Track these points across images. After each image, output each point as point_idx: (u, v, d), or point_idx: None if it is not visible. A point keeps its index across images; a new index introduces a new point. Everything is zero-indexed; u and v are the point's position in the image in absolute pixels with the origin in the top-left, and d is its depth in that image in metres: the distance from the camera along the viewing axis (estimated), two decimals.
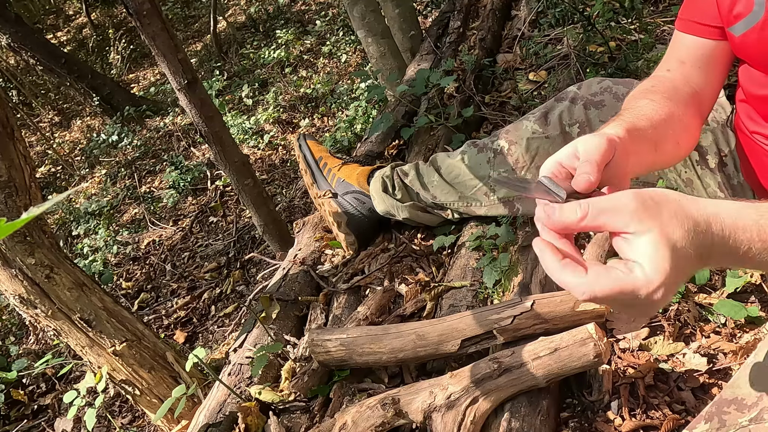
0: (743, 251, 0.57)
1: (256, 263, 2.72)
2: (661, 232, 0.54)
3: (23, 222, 0.31)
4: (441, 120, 1.92)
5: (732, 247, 0.57)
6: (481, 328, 1.07)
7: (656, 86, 0.92)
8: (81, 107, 6.14)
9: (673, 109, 0.87)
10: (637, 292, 0.54)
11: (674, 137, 0.85)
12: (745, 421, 0.64)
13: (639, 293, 0.54)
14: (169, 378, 1.54)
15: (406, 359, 1.12)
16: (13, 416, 2.38)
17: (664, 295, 0.54)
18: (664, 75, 0.96)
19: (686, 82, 0.94)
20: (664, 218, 0.55)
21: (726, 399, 0.69)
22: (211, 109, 1.94)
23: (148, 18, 1.72)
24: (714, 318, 1.11)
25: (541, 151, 1.34)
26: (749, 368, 0.70)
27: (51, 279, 1.37)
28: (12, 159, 1.32)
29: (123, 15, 7.57)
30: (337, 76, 4.35)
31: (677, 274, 0.54)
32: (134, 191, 4.07)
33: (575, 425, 0.99)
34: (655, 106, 0.86)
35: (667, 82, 0.93)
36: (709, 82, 0.95)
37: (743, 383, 0.69)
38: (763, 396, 0.66)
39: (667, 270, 0.53)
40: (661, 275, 0.53)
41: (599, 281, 0.55)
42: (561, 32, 2.32)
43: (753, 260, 0.58)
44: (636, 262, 0.55)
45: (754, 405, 0.66)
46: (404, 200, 1.49)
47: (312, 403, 1.19)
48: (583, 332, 0.94)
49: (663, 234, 0.54)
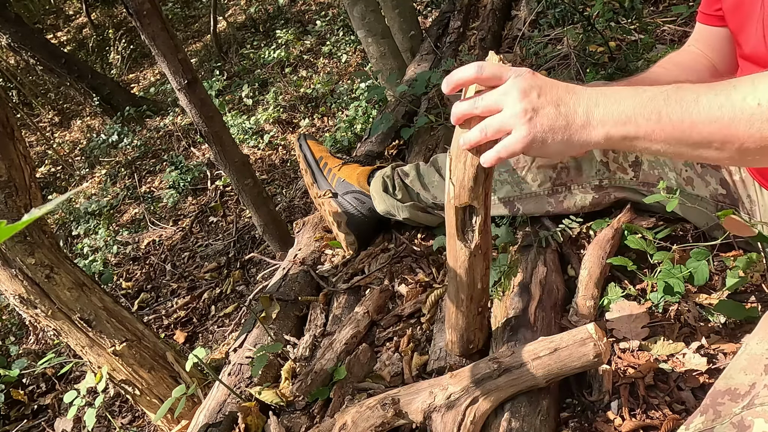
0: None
1: (256, 263, 2.72)
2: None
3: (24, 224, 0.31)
4: (441, 120, 1.92)
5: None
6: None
7: (674, 57, 1.14)
8: (81, 107, 6.14)
9: (682, 76, 1.06)
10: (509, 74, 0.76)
11: None
12: (738, 409, 0.65)
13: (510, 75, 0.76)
14: (169, 378, 1.54)
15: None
16: (13, 416, 2.38)
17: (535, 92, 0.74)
18: (686, 49, 1.17)
19: (704, 56, 1.14)
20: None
21: (720, 390, 0.69)
22: (211, 109, 1.94)
23: (148, 18, 1.72)
24: (714, 318, 1.11)
25: None
26: (741, 358, 0.71)
27: (51, 279, 1.37)
28: (12, 159, 1.32)
29: (123, 15, 7.57)
30: (337, 76, 4.35)
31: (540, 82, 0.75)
32: (134, 191, 4.07)
33: (575, 425, 0.99)
34: (663, 71, 1.07)
35: (685, 54, 1.14)
36: (722, 59, 1.12)
37: (735, 373, 0.69)
38: (755, 384, 0.66)
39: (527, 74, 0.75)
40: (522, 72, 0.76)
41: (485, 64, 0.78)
42: (561, 32, 2.32)
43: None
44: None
45: (747, 393, 0.66)
46: (405, 200, 1.49)
47: (312, 403, 1.19)
48: (583, 332, 0.94)
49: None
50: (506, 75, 0.77)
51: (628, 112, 0.71)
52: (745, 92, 0.66)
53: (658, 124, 0.70)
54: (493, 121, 0.77)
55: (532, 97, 0.74)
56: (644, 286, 1.21)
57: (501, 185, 1.38)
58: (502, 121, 0.76)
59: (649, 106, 0.70)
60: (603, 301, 1.19)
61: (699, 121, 0.68)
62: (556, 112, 0.74)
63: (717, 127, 0.67)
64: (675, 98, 0.69)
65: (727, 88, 0.68)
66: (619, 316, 1.16)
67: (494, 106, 0.77)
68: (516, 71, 0.77)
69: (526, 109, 0.74)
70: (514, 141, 0.76)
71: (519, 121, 0.75)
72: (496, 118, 0.77)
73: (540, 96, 0.74)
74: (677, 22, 2.15)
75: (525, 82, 0.75)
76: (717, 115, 0.67)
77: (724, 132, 0.67)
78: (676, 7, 2.19)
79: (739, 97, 0.66)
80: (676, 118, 0.69)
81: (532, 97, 0.74)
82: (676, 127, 0.69)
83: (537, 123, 0.74)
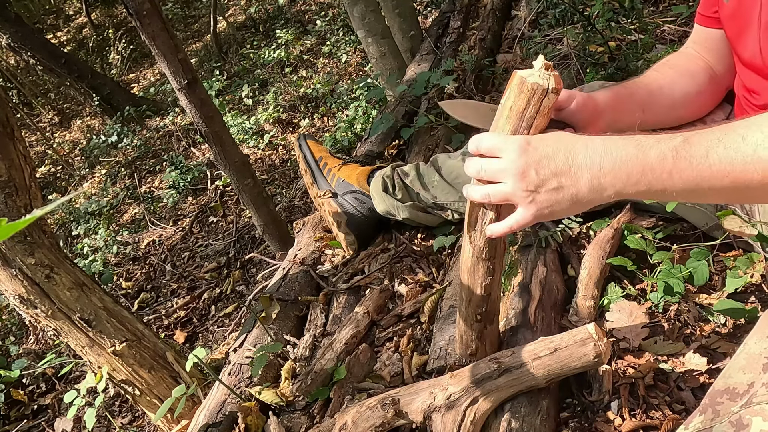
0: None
1: (256, 263, 2.72)
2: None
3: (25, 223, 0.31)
4: (441, 120, 1.92)
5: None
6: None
7: (670, 60, 1.14)
8: (81, 107, 6.14)
9: (678, 80, 1.08)
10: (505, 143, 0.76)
11: (669, 103, 1.07)
12: (737, 408, 0.65)
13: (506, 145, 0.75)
14: (169, 378, 1.54)
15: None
16: (13, 416, 2.38)
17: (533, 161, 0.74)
18: (683, 51, 1.17)
19: (701, 58, 1.13)
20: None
21: (718, 390, 0.69)
22: (211, 109, 1.94)
23: (148, 18, 1.72)
24: (714, 318, 1.11)
25: None
26: (739, 357, 0.71)
27: (51, 279, 1.37)
28: (12, 159, 1.31)
29: (123, 15, 7.57)
30: (337, 76, 4.35)
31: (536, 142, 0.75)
32: (134, 191, 4.07)
33: (575, 425, 0.99)
34: (659, 75, 1.08)
35: (682, 57, 1.14)
36: (720, 61, 1.11)
37: (734, 373, 0.69)
38: (754, 383, 0.66)
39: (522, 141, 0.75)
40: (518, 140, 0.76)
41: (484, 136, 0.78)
42: (561, 32, 2.32)
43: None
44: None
45: (746, 392, 0.66)
46: (404, 200, 1.49)
47: (312, 403, 1.19)
48: (583, 332, 0.94)
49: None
50: (502, 148, 0.76)
51: (637, 175, 0.72)
52: (755, 143, 0.66)
53: (670, 182, 0.71)
54: (497, 193, 0.78)
55: (530, 178, 0.74)
56: (644, 286, 1.21)
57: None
58: (505, 195, 0.77)
59: (658, 167, 0.71)
60: (603, 301, 1.19)
61: (711, 176, 0.69)
62: (557, 186, 0.74)
63: (729, 180, 0.69)
64: (684, 155, 0.70)
65: (736, 140, 0.68)
66: (619, 316, 1.16)
67: (495, 179, 0.78)
68: (513, 144, 0.76)
69: (528, 190, 0.75)
70: (521, 219, 0.78)
71: (522, 201, 0.76)
72: (500, 191, 0.78)
73: (538, 173, 0.74)
74: (677, 22, 2.15)
75: (521, 160, 0.74)
76: (728, 169, 0.68)
77: (737, 184, 0.68)
78: (676, 7, 2.19)
79: (749, 150, 0.67)
80: (687, 176, 0.70)
81: (530, 177, 0.74)
82: (688, 183, 0.70)
83: (539, 200, 0.75)
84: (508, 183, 0.76)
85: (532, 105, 0.77)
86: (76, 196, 4.25)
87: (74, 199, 4.20)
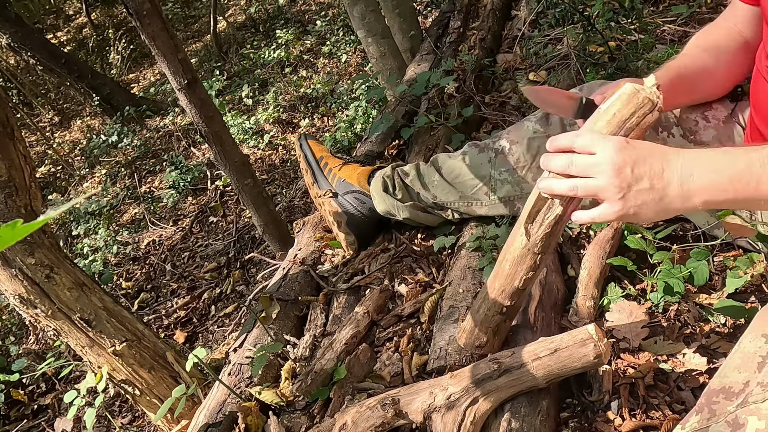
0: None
1: (256, 263, 2.72)
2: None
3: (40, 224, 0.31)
4: (441, 120, 1.92)
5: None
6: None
7: (701, 40, 1.16)
8: (81, 107, 6.14)
9: (711, 61, 1.12)
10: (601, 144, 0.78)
11: (713, 82, 1.14)
12: (733, 408, 0.65)
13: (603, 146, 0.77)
14: (169, 378, 1.54)
15: None
16: (13, 416, 2.38)
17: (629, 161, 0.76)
18: (718, 25, 1.18)
19: (738, 32, 1.15)
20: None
21: (714, 389, 0.69)
22: (211, 109, 1.94)
23: (148, 18, 1.72)
24: (714, 318, 1.11)
25: (542, 150, 1.34)
26: (734, 356, 0.71)
27: (51, 279, 1.37)
28: (12, 159, 1.31)
29: (123, 15, 7.57)
30: (337, 76, 4.34)
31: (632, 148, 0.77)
32: (134, 191, 4.07)
33: (575, 425, 0.99)
34: (691, 60, 1.12)
35: (715, 33, 1.16)
36: (754, 35, 1.13)
37: (730, 372, 0.70)
38: (749, 382, 0.66)
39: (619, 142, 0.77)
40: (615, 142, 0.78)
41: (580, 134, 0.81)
42: (561, 32, 2.32)
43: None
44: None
45: (741, 392, 0.66)
46: (405, 200, 1.49)
47: (312, 403, 1.19)
48: (583, 333, 0.94)
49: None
50: (600, 145, 0.78)
51: (725, 184, 0.74)
52: None
53: (757, 192, 0.73)
54: (587, 187, 0.79)
55: (625, 174, 0.76)
56: (644, 286, 1.21)
57: (501, 185, 1.38)
58: (595, 190, 0.79)
59: (746, 175, 0.73)
60: (603, 301, 1.19)
61: None
62: (649, 187, 0.76)
63: None
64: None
65: None
66: (619, 316, 1.16)
67: (586, 173, 0.79)
68: (612, 141, 0.78)
69: (621, 186, 0.76)
70: (606, 214, 0.79)
71: (612, 197, 0.77)
72: (590, 185, 0.79)
73: (634, 171, 0.76)
74: (677, 22, 2.15)
75: (619, 157, 0.76)
76: None
77: None
78: (676, 7, 2.19)
79: None
80: None
81: (626, 174, 0.76)
82: None
83: (630, 199, 0.76)
84: (602, 178, 0.77)
85: (636, 117, 0.81)
86: (76, 196, 4.25)
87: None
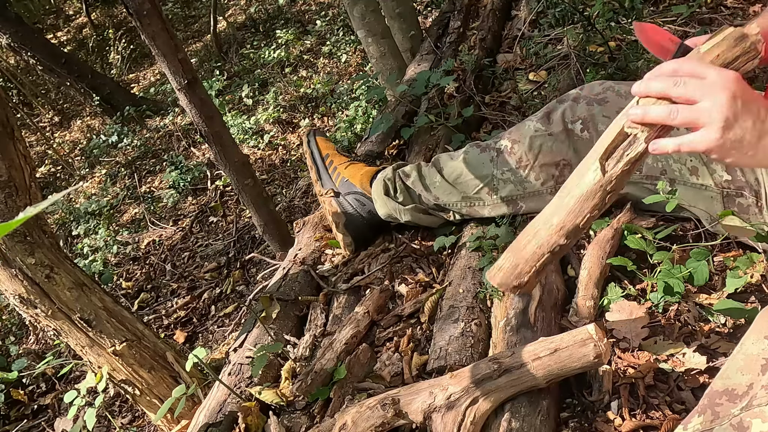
0: None
1: (256, 263, 2.72)
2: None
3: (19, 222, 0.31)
4: (441, 120, 1.92)
5: None
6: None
7: None
8: (81, 107, 6.14)
9: None
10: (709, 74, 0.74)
11: None
12: (737, 411, 0.64)
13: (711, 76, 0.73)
14: (169, 378, 1.54)
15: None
16: (13, 416, 2.38)
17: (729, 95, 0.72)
18: None
19: None
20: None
21: (717, 391, 0.69)
22: (211, 109, 1.94)
23: (148, 18, 1.72)
24: (714, 318, 1.11)
25: (544, 149, 1.34)
26: (737, 358, 0.71)
27: (51, 279, 1.37)
28: (12, 159, 1.32)
29: (123, 15, 7.57)
30: (337, 76, 4.35)
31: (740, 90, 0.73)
32: (134, 191, 4.07)
33: (575, 425, 0.99)
34: None
35: None
36: None
37: (732, 373, 0.69)
38: (753, 384, 0.66)
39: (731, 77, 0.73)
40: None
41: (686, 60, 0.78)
42: (561, 32, 2.32)
43: None
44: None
45: (745, 394, 0.66)
46: (406, 203, 1.48)
47: (312, 403, 1.19)
48: (584, 333, 0.94)
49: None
50: (711, 72, 0.74)
51: None
52: None
53: None
54: (687, 112, 0.74)
55: (737, 105, 0.72)
56: (644, 286, 1.21)
57: (504, 184, 1.38)
58: (697, 116, 0.74)
59: None
60: (603, 301, 1.19)
61: None
62: (752, 126, 0.72)
63: None
64: None
65: None
66: (619, 316, 1.16)
67: (694, 98, 0.74)
68: (725, 72, 0.74)
69: (728, 115, 0.72)
70: (700, 141, 0.74)
71: (715, 125, 0.73)
72: (693, 111, 0.74)
73: (743, 105, 0.72)
74: (677, 22, 2.15)
75: (735, 86, 0.73)
76: None
77: None
78: (676, 7, 2.19)
79: None
80: None
81: (737, 105, 0.72)
82: None
83: (731, 132, 0.72)
84: (710, 101, 0.73)
85: (739, 61, 0.77)
86: (76, 196, 4.25)
87: (74, 199, 4.20)
